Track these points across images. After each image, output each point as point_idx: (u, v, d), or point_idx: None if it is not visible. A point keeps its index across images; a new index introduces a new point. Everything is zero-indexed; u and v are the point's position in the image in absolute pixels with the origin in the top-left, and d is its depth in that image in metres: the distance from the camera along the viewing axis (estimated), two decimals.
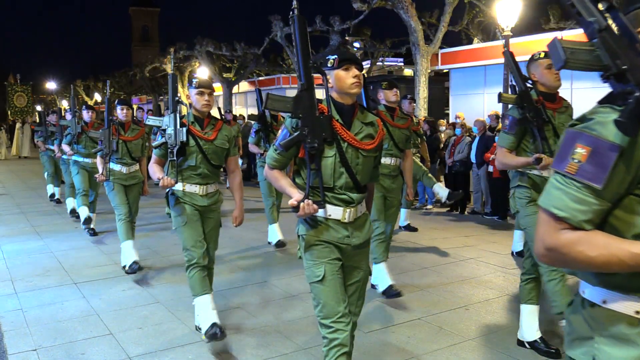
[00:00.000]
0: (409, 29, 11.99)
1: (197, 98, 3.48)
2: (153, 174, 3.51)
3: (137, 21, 67.40)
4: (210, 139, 3.53)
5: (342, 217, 2.42)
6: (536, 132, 3.21)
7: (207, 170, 3.55)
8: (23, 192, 11.54)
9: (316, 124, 2.32)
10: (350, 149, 2.39)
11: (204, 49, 21.25)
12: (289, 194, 2.39)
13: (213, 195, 3.64)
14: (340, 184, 2.39)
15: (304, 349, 3.49)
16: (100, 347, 3.56)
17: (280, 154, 2.45)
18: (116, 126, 5.42)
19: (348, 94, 2.42)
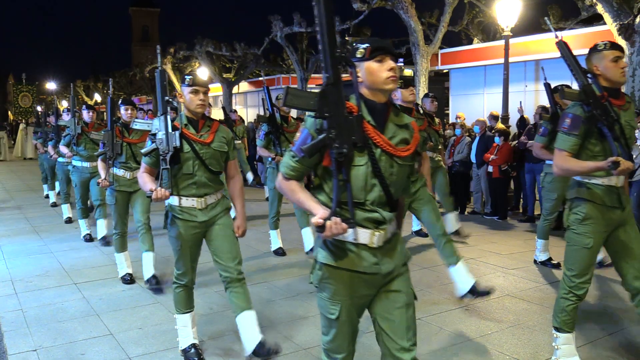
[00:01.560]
0: (409, 29, 11.99)
1: (190, 97, 3.13)
2: (144, 184, 3.10)
3: (137, 21, 67.44)
4: (207, 142, 3.17)
5: (369, 242, 2.03)
6: (606, 132, 2.84)
7: (204, 178, 3.17)
8: (23, 192, 11.54)
9: (345, 125, 1.92)
10: (384, 156, 2.01)
11: (204, 49, 21.25)
12: (310, 209, 1.98)
13: (215, 206, 3.25)
14: (371, 199, 2.01)
15: (304, 349, 3.49)
16: (100, 347, 3.56)
17: (300, 161, 2.02)
18: (120, 128, 5.03)
19: (381, 90, 2.04)
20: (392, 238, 2.13)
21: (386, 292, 2.13)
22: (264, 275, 5.16)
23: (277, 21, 17.43)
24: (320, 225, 1.88)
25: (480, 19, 15.52)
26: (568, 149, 2.93)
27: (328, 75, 1.93)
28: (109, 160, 4.90)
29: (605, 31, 8.55)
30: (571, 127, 2.91)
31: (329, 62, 1.92)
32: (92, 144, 6.43)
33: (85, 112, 6.71)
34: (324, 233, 1.89)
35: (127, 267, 5.00)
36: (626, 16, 7.66)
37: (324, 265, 2.07)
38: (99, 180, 4.94)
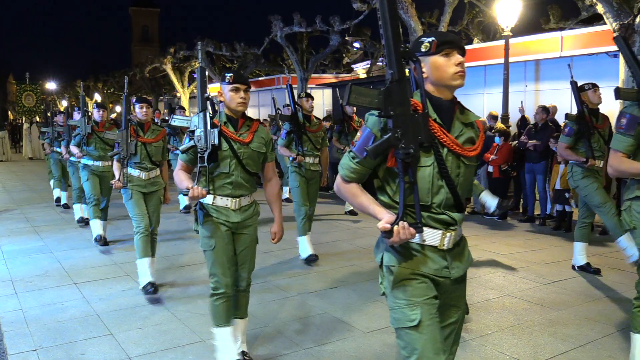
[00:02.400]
0: (409, 29, 11.98)
1: (231, 95, 3.02)
2: (180, 182, 2.98)
3: (137, 21, 67.49)
4: (246, 142, 3.06)
5: (439, 243, 1.94)
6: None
7: (241, 179, 3.06)
8: (23, 193, 11.54)
9: (411, 124, 1.82)
10: (451, 156, 1.92)
11: (204, 49, 21.24)
12: (374, 214, 1.88)
13: (247, 209, 3.14)
14: (438, 201, 1.92)
15: (304, 349, 3.49)
16: (100, 347, 3.56)
17: (361, 162, 1.92)
18: (134, 127, 4.85)
19: (448, 86, 1.93)
20: (461, 241, 2.06)
21: (445, 306, 2.02)
22: (264, 275, 5.16)
23: (277, 21, 17.41)
24: (387, 230, 1.78)
25: (480, 19, 15.51)
26: (623, 150, 2.89)
27: (392, 72, 1.81)
28: (123, 160, 4.77)
29: (605, 31, 8.55)
30: (627, 128, 2.88)
31: (393, 57, 1.80)
32: (102, 143, 6.35)
33: (96, 111, 6.52)
34: (392, 239, 1.79)
35: (150, 274, 4.63)
36: (626, 16, 7.65)
37: (393, 267, 1.95)
38: (113, 182, 4.77)
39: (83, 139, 6.36)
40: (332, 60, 21.91)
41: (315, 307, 4.29)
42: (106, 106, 6.97)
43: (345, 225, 7.54)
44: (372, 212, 1.90)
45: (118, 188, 4.75)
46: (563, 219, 7.11)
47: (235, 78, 3.01)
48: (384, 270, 1.99)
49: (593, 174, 4.92)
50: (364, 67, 23.24)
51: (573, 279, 4.97)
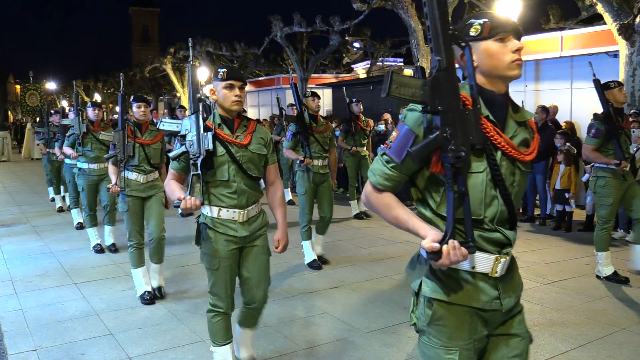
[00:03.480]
0: (409, 29, 11.98)
1: (224, 93, 2.73)
2: (171, 193, 2.69)
3: (137, 21, 67.54)
4: (244, 144, 2.77)
5: (491, 270, 1.62)
6: None
7: (244, 185, 2.77)
8: (23, 192, 11.54)
9: (461, 122, 1.52)
10: (505, 160, 1.62)
11: (204, 49, 21.25)
12: (415, 230, 1.59)
13: (255, 220, 2.87)
14: (491, 215, 1.61)
15: (304, 349, 3.49)
16: (100, 347, 3.56)
17: (398, 167, 1.62)
18: (132, 127, 4.56)
19: (503, 77, 1.64)
20: (513, 265, 1.73)
21: (503, 336, 1.73)
22: None
23: (277, 21, 17.41)
24: (436, 250, 1.48)
25: None
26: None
27: (439, 59, 1.52)
28: (120, 163, 4.48)
29: (605, 31, 8.54)
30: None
31: (440, 42, 1.52)
32: (98, 143, 6.03)
33: (91, 109, 6.20)
34: (440, 261, 1.49)
35: (146, 284, 4.48)
36: (626, 16, 7.65)
37: (436, 301, 1.64)
38: (109, 186, 4.48)
39: (78, 139, 6.05)
40: (332, 60, 21.92)
41: (315, 307, 4.29)
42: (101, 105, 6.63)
43: (346, 226, 7.54)
44: (412, 228, 1.60)
45: (115, 193, 4.48)
46: (563, 219, 7.11)
47: (229, 74, 2.73)
48: (420, 299, 1.69)
49: (618, 182, 4.71)
50: (364, 67, 23.25)
51: (573, 279, 4.97)
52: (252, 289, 2.91)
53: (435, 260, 1.50)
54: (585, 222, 7.11)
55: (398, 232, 7.10)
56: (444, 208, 1.60)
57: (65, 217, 8.39)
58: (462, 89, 1.60)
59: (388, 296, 4.53)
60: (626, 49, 7.76)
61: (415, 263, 1.75)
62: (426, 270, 1.67)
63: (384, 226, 7.54)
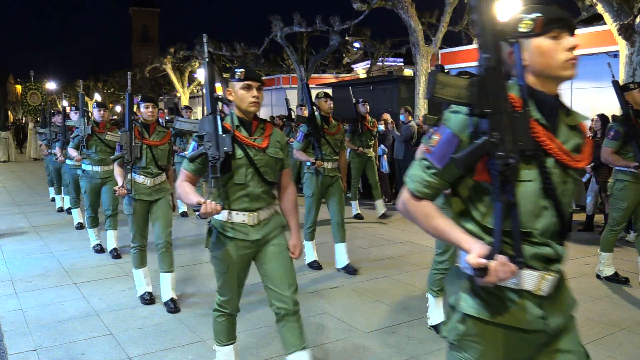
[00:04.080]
0: (409, 29, 11.99)
1: (242, 94, 2.64)
2: (186, 195, 2.58)
3: (137, 21, 67.57)
4: (262, 147, 2.68)
5: (536, 288, 1.50)
6: None
7: (258, 190, 2.68)
8: (23, 192, 11.55)
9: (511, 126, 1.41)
10: (557, 168, 1.49)
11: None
12: (459, 243, 1.46)
13: (267, 222, 2.75)
14: (541, 227, 1.49)
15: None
16: (100, 347, 3.57)
17: (440, 174, 1.51)
18: (139, 128, 4.40)
19: (555, 77, 1.51)
20: (561, 284, 1.60)
21: (553, 354, 1.59)
22: None
23: (277, 21, 17.42)
24: (481, 267, 1.37)
25: None
26: None
27: (487, 57, 1.41)
28: (126, 165, 4.31)
29: (606, 31, 8.55)
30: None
31: (489, 37, 1.42)
32: (103, 145, 5.87)
33: (96, 110, 5.99)
34: (487, 278, 1.38)
35: (147, 284, 4.46)
36: (626, 16, 7.65)
37: (472, 318, 1.54)
38: (116, 188, 4.32)
39: (82, 141, 5.87)
40: (332, 60, 21.93)
41: (315, 307, 4.29)
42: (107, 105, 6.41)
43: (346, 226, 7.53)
44: (455, 240, 1.47)
45: (122, 195, 4.31)
46: None
47: (247, 74, 2.64)
48: (457, 314, 1.58)
49: (637, 187, 4.63)
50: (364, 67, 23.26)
51: (573, 279, 4.97)
52: (278, 284, 2.70)
53: (481, 277, 1.38)
54: (585, 222, 7.11)
55: (398, 232, 7.14)
56: (489, 220, 1.49)
57: (65, 217, 8.39)
58: (511, 89, 1.49)
59: (388, 296, 4.53)
60: (626, 49, 7.76)
61: (453, 276, 1.63)
62: (465, 286, 1.56)
63: (384, 226, 7.54)
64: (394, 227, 7.47)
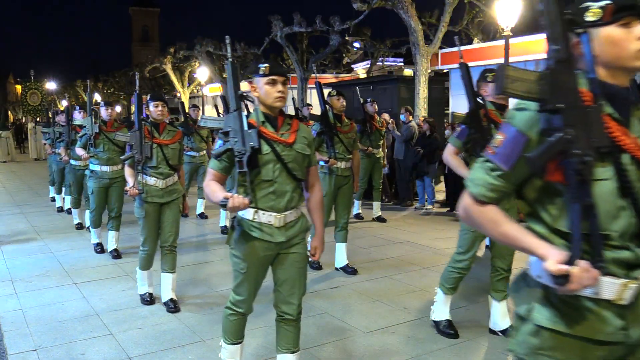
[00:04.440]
0: (409, 29, 11.99)
1: (267, 90, 2.58)
2: (213, 193, 2.50)
3: (137, 21, 67.65)
4: (289, 143, 2.63)
5: (615, 297, 1.38)
6: None
7: (286, 186, 2.61)
8: (23, 192, 11.55)
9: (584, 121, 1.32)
10: (633, 165, 1.39)
11: (204, 49, 21.26)
12: (532, 249, 1.36)
13: (293, 225, 2.67)
14: (619, 229, 1.38)
15: (304, 349, 3.49)
16: (100, 347, 3.57)
17: (506, 176, 1.42)
18: (149, 127, 4.30)
19: (627, 69, 1.42)
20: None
21: None
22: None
23: (277, 21, 17.42)
24: (562, 273, 1.27)
25: (480, 19, 15.52)
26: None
27: (557, 48, 1.33)
28: (137, 165, 4.23)
29: None
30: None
31: (558, 28, 1.33)
32: (111, 144, 5.76)
33: (104, 109, 5.87)
34: (570, 286, 1.27)
35: (149, 285, 4.45)
36: None
37: (546, 330, 1.43)
38: (127, 188, 4.22)
39: (90, 140, 5.73)
40: (332, 60, 21.93)
41: (315, 307, 4.29)
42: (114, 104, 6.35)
43: None
44: (527, 247, 1.37)
45: (134, 195, 4.20)
46: None
47: (271, 69, 2.57)
48: (528, 325, 1.47)
49: None
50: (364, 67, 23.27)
51: None
52: (288, 291, 2.73)
53: (561, 284, 1.27)
54: None
55: (398, 232, 7.13)
56: (562, 222, 1.39)
57: (65, 217, 8.39)
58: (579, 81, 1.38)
59: (388, 296, 4.53)
60: None
61: (521, 284, 1.51)
62: (539, 295, 1.45)
63: (384, 226, 7.55)
64: (394, 227, 7.47)
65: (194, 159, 7.75)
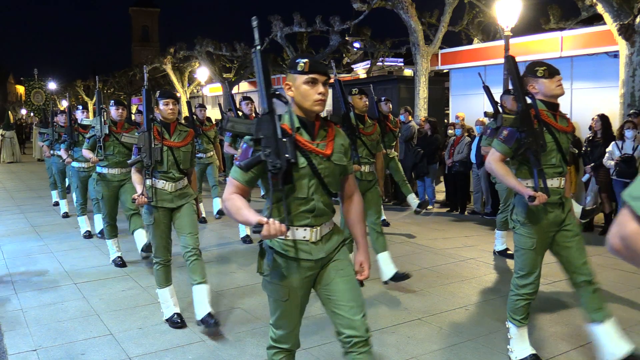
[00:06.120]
0: (409, 29, 11.98)
1: (305, 90, 2.18)
2: (237, 211, 2.12)
3: (137, 21, 67.64)
4: (327, 154, 2.24)
5: None
6: None
7: (321, 203, 2.25)
8: (23, 192, 11.54)
9: None
10: None
11: (204, 49, 21.24)
12: None
13: (329, 239, 2.32)
14: None
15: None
16: (100, 347, 3.57)
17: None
18: (158, 128, 3.94)
19: None
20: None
21: None
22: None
23: (277, 21, 17.41)
24: None
25: (480, 19, 15.51)
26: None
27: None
28: (146, 169, 3.88)
29: (605, 31, 8.55)
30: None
31: None
32: (122, 146, 5.42)
33: (114, 108, 5.51)
34: None
35: (174, 305, 3.99)
36: (626, 16, 7.65)
37: None
38: (135, 196, 3.85)
39: (99, 142, 5.40)
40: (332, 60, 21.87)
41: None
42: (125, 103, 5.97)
43: None
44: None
45: (142, 204, 3.84)
46: None
47: (312, 66, 2.17)
48: None
49: None
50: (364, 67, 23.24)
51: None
52: (345, 309, 2.27)
53: None
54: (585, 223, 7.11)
55: (398, 232, 7.13)
56: None
57: (66, 217, 8.38)
58: None
59: (388, 296, 4.53)
60: (626, 49, 7.76)
61: None
62: None
63: (384, 227, 7.54)
64: (393, 227, 7.47)
65: (201, 160, 7.55)
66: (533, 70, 3.14)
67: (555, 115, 3.16)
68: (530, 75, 3.15)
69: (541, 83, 3.10)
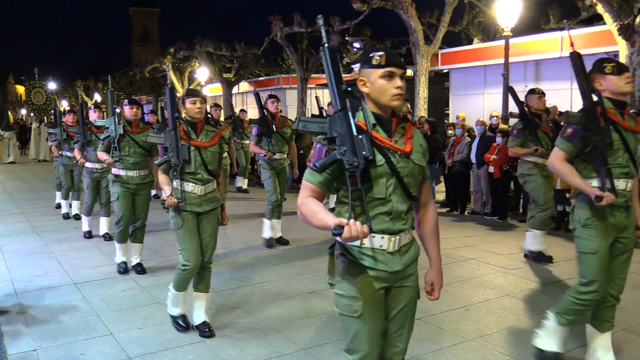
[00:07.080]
0: (409, 29, 11.98)
1: (381, 84, 2.06)
2: (314, 216, 1.97)
3: (137, 21, 67.73)
4: (406, 152, 2.10)
5: None
6: None
7: (401, 205, 2.09)
8: (23, 192, 11.54)
9: None
10: None
11: (204, 49, 21.24)
12: None
13: (408, 249, 2.16)
14: None
15: (304, 349, 3.49)
16: (100, 347, 3.57)
17: None
18: (184, 127, 3.81)
19: None
20: None
21: None
22: (264, 275, 5.16)
23: (277, 21, 17.41)
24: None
25: (480, 19, 15.51)
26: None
27: None
28: (173, 170, 3.73)
29: (605, 31, 8.55)
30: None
31: None
32: (137, 147, 5.22)
33: (128, 107, 5.35)
34: None
35: (182, 309, 3.93)
36: (626, 16, 7.65)
37: None
38: (164, 197, 3.65)
39: (114, 143, 5.20)
40: None
41: (315, 307, 4.29)
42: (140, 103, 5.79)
43: None
44: None
45: (171, 205, 3.67)
46: (563, 219, 7.11)
47: (388, 59, 2.05)
48: None
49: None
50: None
51: (573, 280, 4.97)
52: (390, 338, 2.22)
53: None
54: None
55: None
56: None
57: (67, 218, 8.38)
58: None
59: None
60: (626, 49, 7.76)
61: None
62: None
63: None
64: None
65: None
66: (601, 67, 3.03)
67: (623, 113, 3.03)
68: (597, 72, 3.04)
69: (609, 80, 2.99)
